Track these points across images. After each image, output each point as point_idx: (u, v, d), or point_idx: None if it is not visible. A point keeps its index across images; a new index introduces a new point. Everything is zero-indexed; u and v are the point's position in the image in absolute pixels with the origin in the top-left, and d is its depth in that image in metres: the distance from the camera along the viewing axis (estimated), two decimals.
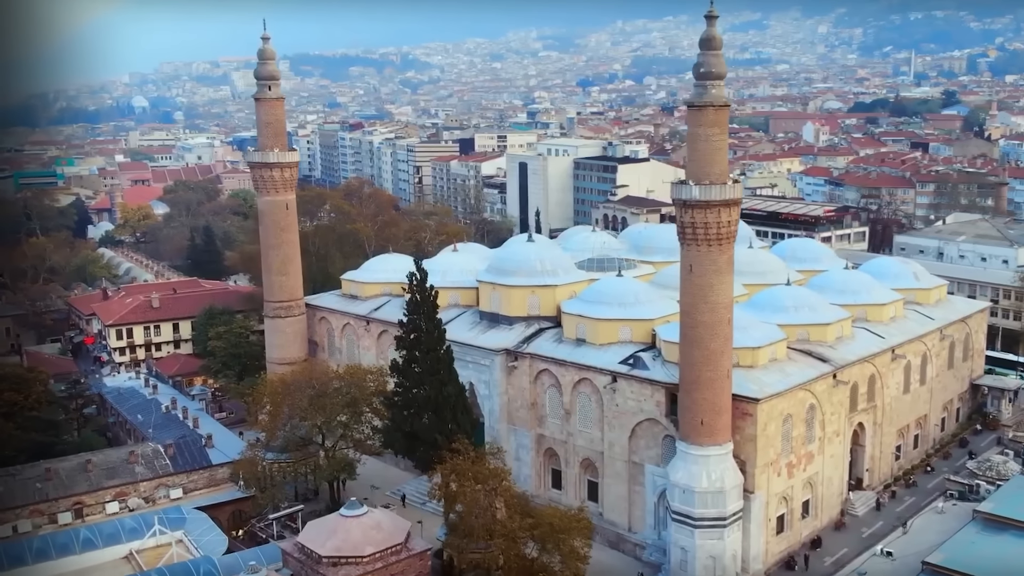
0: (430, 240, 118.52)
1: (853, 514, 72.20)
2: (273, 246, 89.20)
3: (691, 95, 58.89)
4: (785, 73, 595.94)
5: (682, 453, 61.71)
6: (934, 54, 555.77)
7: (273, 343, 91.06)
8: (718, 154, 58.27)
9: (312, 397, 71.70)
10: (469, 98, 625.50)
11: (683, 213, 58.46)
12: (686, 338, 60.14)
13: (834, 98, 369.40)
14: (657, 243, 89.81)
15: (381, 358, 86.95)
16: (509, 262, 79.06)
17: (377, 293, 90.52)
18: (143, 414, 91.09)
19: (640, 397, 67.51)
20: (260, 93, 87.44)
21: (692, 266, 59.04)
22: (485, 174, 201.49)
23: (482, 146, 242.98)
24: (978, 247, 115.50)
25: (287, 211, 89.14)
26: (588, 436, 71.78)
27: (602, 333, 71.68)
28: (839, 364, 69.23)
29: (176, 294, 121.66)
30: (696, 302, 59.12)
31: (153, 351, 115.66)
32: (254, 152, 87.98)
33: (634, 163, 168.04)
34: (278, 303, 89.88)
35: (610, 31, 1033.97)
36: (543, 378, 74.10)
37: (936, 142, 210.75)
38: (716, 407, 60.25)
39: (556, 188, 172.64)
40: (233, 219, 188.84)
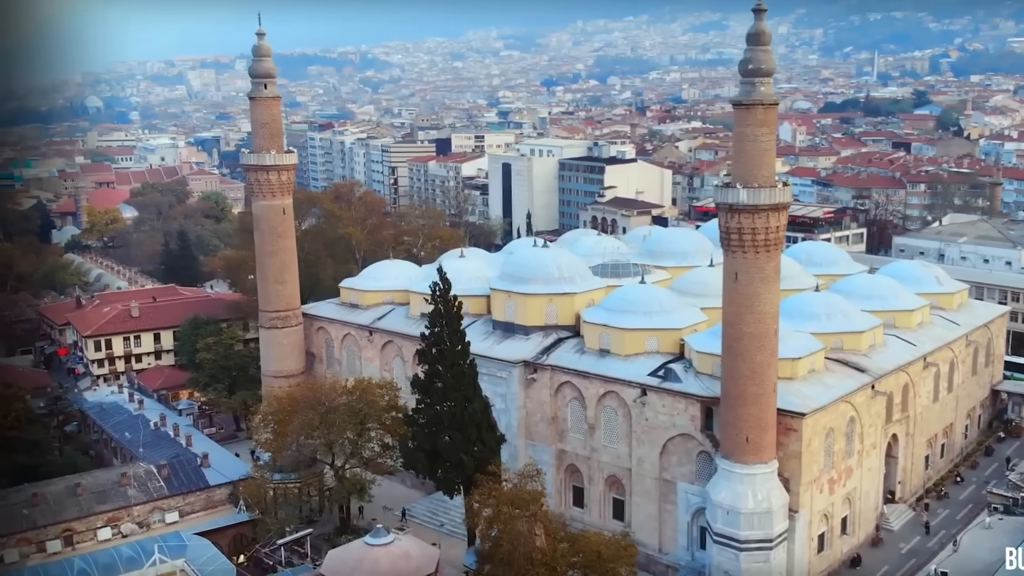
0: (422, 244, 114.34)
1: (888, 529, 69.57)
2: (269, 253, 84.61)
3: (738, 93, 55.73)
4: None
5: (725, 472, 58.51)
6: (895, 54, 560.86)
7: (269, 355, 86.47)
8: (766, 155, 55.20)
9: (323, 414, 67.48)
10: (432, 97, 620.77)
11: (729, 218, 55.23)
12: (730, 350, 56.93)
13: (802, 98, 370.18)
14: (670, 247, 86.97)
15: (385, 370, 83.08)
16: (525, 269, 75.36)
17: (379, 301, 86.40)
18: (131, 431, 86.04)
19: (673, 411, 64.18)
20: (255, 92, 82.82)
21: (737, 274, 55.83)
22: (466, 175, 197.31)
23: (459, 146, 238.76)
24: (980, 248, 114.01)
25: (284, 216, 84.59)
26: (614, 452, 68.34)
27: (628, 343, 68.28)
28: (877, 374, 66.51)
29: (156, 302, 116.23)
30: (741, 312, 55.92)
31: (133, 363, 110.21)
32: (249, 154, 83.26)
33: (621, 164, 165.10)
34: (275, 313, 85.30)
35: (571, 31, 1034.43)
36: (564, 391, 70.53)
37: (918, 142, 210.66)
38: (762, 423, 57.15)
39: (541, 190, 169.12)
40: (206, 222, 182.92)
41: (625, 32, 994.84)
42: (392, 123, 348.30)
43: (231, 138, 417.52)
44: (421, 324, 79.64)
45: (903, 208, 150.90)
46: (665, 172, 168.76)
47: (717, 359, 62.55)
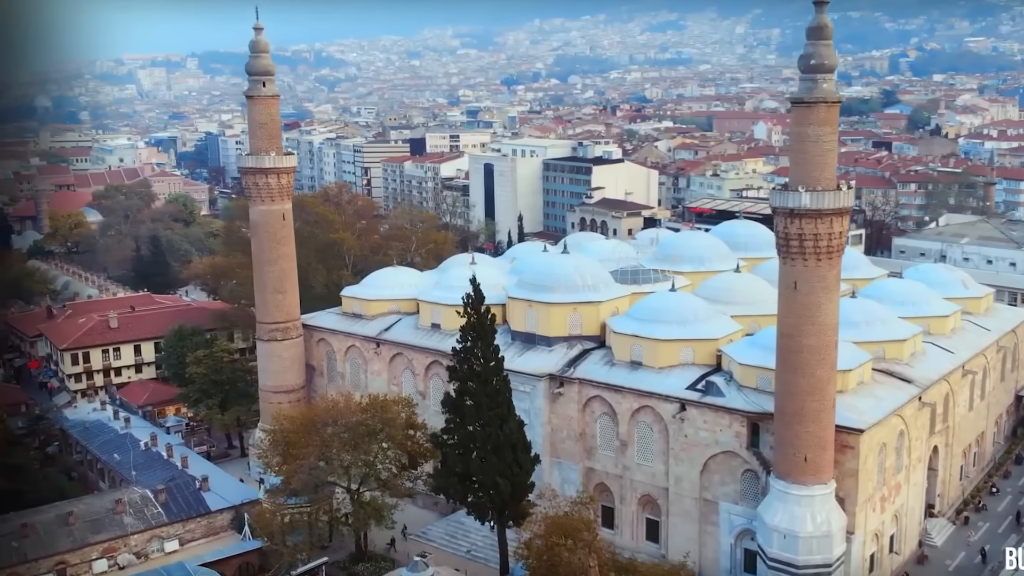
0: (415, 249, 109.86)
1: (931, 545, 66.80)
2: (268, 261, 79.78)
3: (798, 90, 52.35)
4: (710, 73, 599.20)
5: (780, 493, 55.14)
6: (853, 54, 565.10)
7: (268, 369, 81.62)
8: (829, 156, 51.93)
9: (339, 434, 63.03)
10: (390, 96, 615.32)
11: (788, 223, 51.85)
12: (787, 364, 53.58)
13: (768, 98, 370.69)
14: (686, 251, 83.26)
15: (394, 384, 78.77)
16: (546, 276, 71.44)
17: (384, 311, 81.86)
18: (119, 452, 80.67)
19: (715, 427, 60.74)
20: (253, 90, 77.96)
21: (797, 283, 52.50)
22: (444, 176, 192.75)
23: (433, 146, 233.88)
24: (983, 249, 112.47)
25: (284, 222, 79.82)
26: (649, 470, 64.74)
27: (662, 355, 64.72)
28: (923, 384, 63.66)
29: (134, 312, 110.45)
30: (801, 323, 52.59)
31: (112, 376, 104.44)
32: (247, 156, 78.37)
33: (608, 164, 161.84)
34: (274, 324, 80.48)
35: (528, 30, 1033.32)
36: (594, 406, 66.81)
37: (898, 141, 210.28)
38: (822, 441, 53.88)
39: (525, 191, 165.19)
40: (175, 226, 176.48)
41: (583, 31, 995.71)
42: (356, 122, 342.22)
43: (188, 138, 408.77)
44: (432, 334, 76.52)
45: (895, 208, 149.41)
46: (651, 172, 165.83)
47: (763, 372, 59.68)
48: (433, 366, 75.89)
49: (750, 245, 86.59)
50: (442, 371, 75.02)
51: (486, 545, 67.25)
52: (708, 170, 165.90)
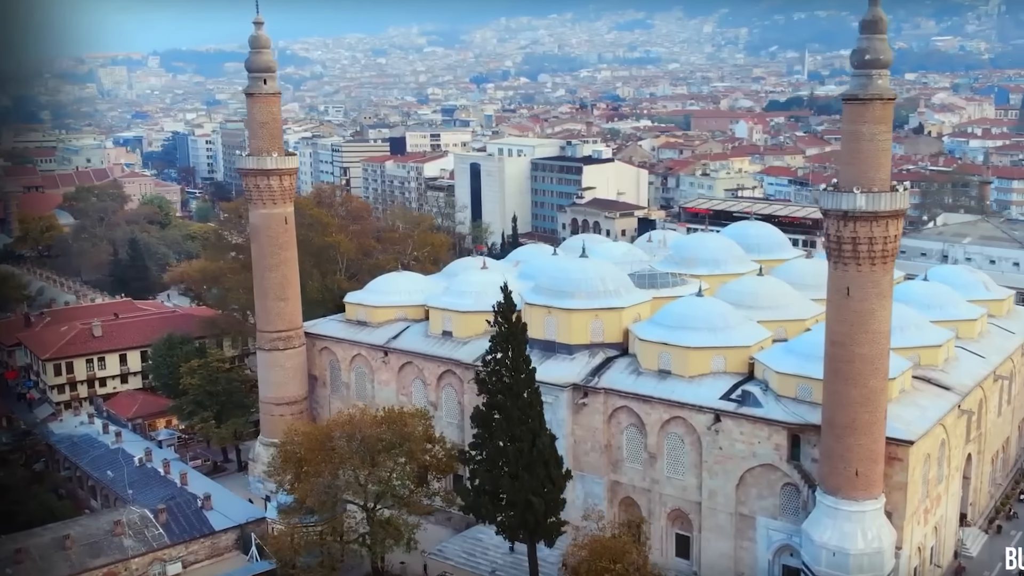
0: (411, 252, 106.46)
1: (968, 555, 64.87)
2: (270, 267, 76.21)
3: (851, 86, 49.96)
4: (680, 72, 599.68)
5: (829, 509, 52.74)
6: (823, 53, 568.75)
7: (269, 380, 78.03)
8: (883, 156, 49.60)
9: (356, 449, 59.73)
10: (357, 94, 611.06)
11: (842, 226, 49.42)
12: (838, 374, 51.18)
13: (742, 97, 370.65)
14: (700, 254, 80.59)
15: (403, 394, 75.60)
16: (566, 282, 68.53)
17: (391, 318, 78.62)
18: (112, 469, 76.66)
19: (753, 439, 58.22)
20: (254, 87, 74.35)
21: (850, 288, 50.11)
22: (428, 176, 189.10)
23: (414, 145, 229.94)
24: (986, 249, 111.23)
25: (286, 226, 76.33)
26: (679, 484, 62.10)
27: (693, 363, 62.12)
28: (962, 392, 61.59)
29: (118, 319, 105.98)
30: (854, 331, 50.21)
31: (97, 387, 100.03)
32: (247, 157, 74.67)
33: (598, 164, 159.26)
34: (276, 333, 76.93)
35: (495, 28, 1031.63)
36: (620, 416, 64.04)
37: None
38: (873, 454, 51.63)
39: (513, 191, 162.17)
40: (151, 229, 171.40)
41: (550, 30, 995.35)
42: (328, 120, 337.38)
43: (153, 138, 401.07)
44: (444, 342, 73.43)
45: None
46: (641, 172, 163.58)
47: (803, 381, 57.41)
48: (446, 376, 72.88)
49: (762, 247, 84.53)
50: (455, 381, 72.29)
51: (508, 564, 64.48)
52: (697, 169, 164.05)
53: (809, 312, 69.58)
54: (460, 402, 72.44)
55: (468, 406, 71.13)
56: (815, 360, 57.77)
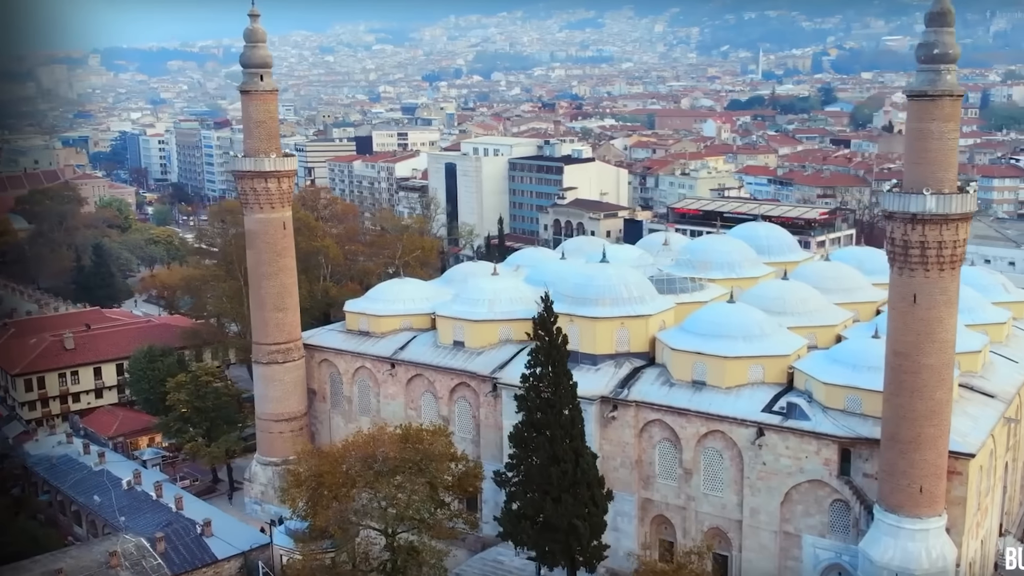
0: (401, 257, 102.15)
1: (1008, 569, 62.78)
2: (267, 275, 71.74)
3: (917, 82, 47.10)
4: (635, 71, 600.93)
5: (891, 528, 50.01)
6: (775, 53, 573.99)
7: (267, 395, 73.49)
8: (952, 155, 46.97)
9: (381, 470, 55.80)
10: (307, 92, 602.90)
11: (909, 230, 46.73)
12: (903, 386, 48.49)
13: (702, 96, 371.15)
14: (714, 257, 77.20)
15: (411, 408, 71.65)
16: (589, 288, 65.18)
17: (396, 328, 74.46)
18: (99, 493, 71.62)
19: (800, 454, 55.43)
20: (250, 84, 69.81)
21: (916, 295, 47.44)
22: (399, 176, 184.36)
23: (380, 144, 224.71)
24: (981, 248, 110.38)
25: (284, 231, 71.93)
26: (717, 501, 59.12)
27: (730, 374, 59.19)
28: (1006, 399, 59.49)
29: (91, 331, 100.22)
30: (920, 341, 47.56)
31: (71, 403, 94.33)
32: (243, 158, 70.07)
33: (579, 164, 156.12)
34: (274, 346, 72.47)
35: (444, 26, 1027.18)
36: (652, 430, 60.87)
37: (856, 139, 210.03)
38: (937, 469, 49.11)
39: (490, 191, 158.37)
40: (111, 233, 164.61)
41: (501, 28, 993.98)
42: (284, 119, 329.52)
43: (99, 138, 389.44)
44: (456, 353, 69.77)
45: None
46: (621, 172, 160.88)
47: (852, 392, 54.94)
48: (459, 389, 69.08)
49: (773, 248, 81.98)
50: (470, 394, 68.62)
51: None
52: (676, 169, 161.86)
53: (838, 318, 67.24)
54: (475, 416, 68.77)
55: (484, 421, 67.79)
56: (863, 370, 55.64)
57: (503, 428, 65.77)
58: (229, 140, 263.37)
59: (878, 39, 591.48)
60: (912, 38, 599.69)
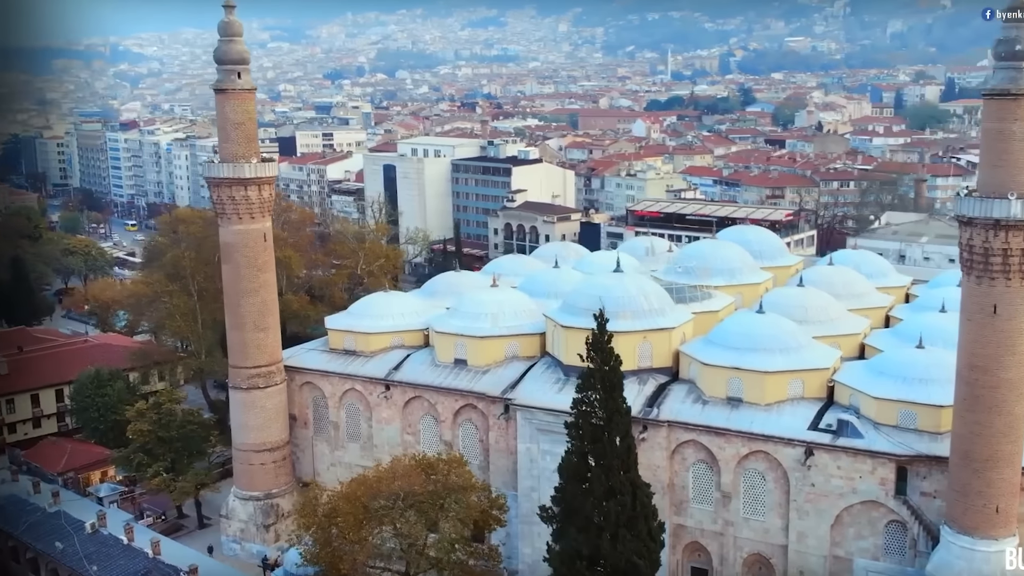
0: (365, 267, 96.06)
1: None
2: (247, 292, 65.35)
3: (997, 80, 44.38)
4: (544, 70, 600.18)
5: (963, 551, 47.35)
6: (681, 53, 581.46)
7: (247, 423, 67.05)
8: None
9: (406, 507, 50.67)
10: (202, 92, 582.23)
11: (991, 236, 44.06)
12: (979, 401, 45.87)
13: (619, 96, 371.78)
14: (715, 263, 73.83)
15: (408, 433, 66.46)
16: (608, 300, 59.85)
17: (386, 346, 68.96)
18: (60, 538, 63.65)
19: (853, 474, 52.44)
20: (226, 82, 63.44)
21: (997, 306, 44.83)
22: (331, 178, 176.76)
23: (305, 145, 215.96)
24: (945, 248, 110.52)
25: (265, 243, 65.68)
26: (760, 526, 55.75)
27: (770, 390, 55.92)
28: None
29: (24, 353, 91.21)
30: (1000, 354, 45.01)
31: (6, 434, 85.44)
32: (220, 164, 63.59)
33: (527, 165, 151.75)
34: (255, 369, 66.14)
35: (342, 23, 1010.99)
36: (685, 452, 57.17)
37: (791, 139, 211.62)
38: (1013, 487, 46.72)
39: (433, 194, 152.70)
40: (23, 243, 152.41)
41: (401, 25, 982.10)
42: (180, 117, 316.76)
43: None
44: (458, 372, 64.93)
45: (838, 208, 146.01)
46: (568, 173, 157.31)
47: (905, 407, 52.47)
48: (465, 411, 64.14)
49: (765, 253, 79.33)
50: (477, 416, 63.78)
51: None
52: (622, 170, 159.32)
53: (859, 326, 64.89)
54: (482, 440, 63.90)
55: (494, 445, 63.08)
56: (913, 382, 53.23)
57: (516, 453, 61.56)
58: (138, 143, 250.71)
59: (780, 40, 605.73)
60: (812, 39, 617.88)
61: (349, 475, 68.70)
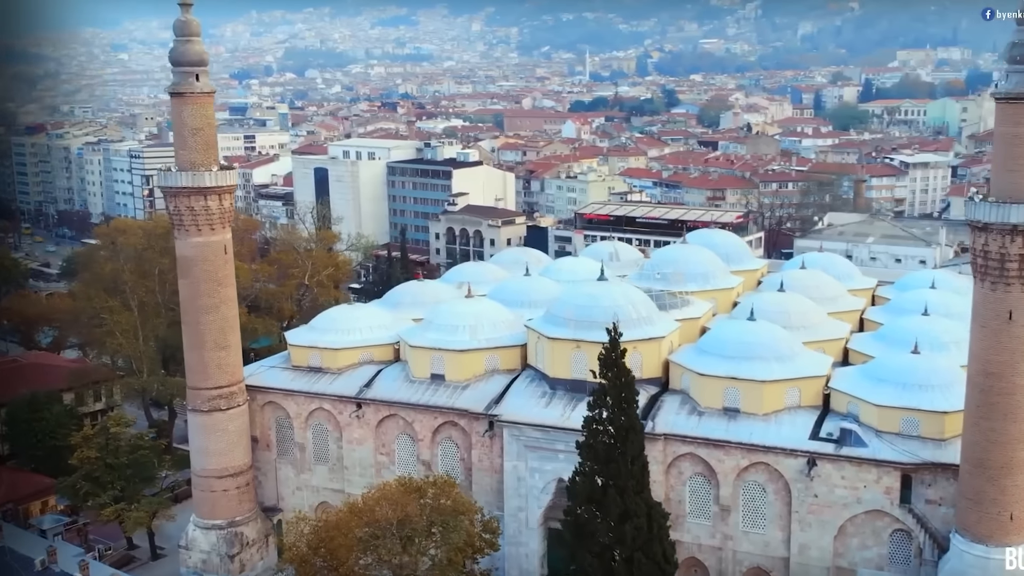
0: (313, 277, 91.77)
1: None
2: (207, 308, 61.08)
3: (1012, 84, 43.53)
4: (460, 70, 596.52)
5: (978, 560, 46.60)
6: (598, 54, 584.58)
7: (209, 448, 62.71)
8: None
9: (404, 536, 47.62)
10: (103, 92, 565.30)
11: (1008, 242, 43.25)
12: (994, 408, 45.11)
13: (541, 96, 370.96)
14: (688, 267, 71.96)
15: (382, 453, 63.21)
16: (596, 310, 58.68)
17: (354, 362, 65.47)
18: None
19: (857, 484, 51.43)
20: (182, 84, 59.13)
21: (1012, 312, 44.08)
22: (257, 183, 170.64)
23: (225, 148, 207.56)
24: (892, 248, 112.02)
25: (225, 256, 61.54)
26: (760, 539, 54.34)
27: (768, 399, 54.55)
28: None
29: None
30: (1016, 360, 44.33)
31: None
32: (177, 172, 59.26)
33: (468, 167, 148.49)
34: (216, 391, 61.86)
35: (247, 21, 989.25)
36: (682, 465, 55.39)
37: (723, 140, 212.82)
38: None
39: (368, 198, 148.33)
40: None
41: (309, 24, 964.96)
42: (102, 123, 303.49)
43: None
44: (436, 388, 62.03)
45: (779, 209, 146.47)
46: (508, 176, 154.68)
47: (908, 414, 51.56)
48: (445, 428, 61.22)
49: (732, 256, 78.41)
50: (458, 434, 60.99)
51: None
52: (562, 172, 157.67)
53: (841, 331, 64.26)
54: (463, 459, 61.08)
55: (477, 464, 60.37)
56: (913, 388, 52.54)
57: (502, 471, 58.96)
58: (46, 147, 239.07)
59: (695, 42, 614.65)
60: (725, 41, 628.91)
61: (317, 499, 65.92)
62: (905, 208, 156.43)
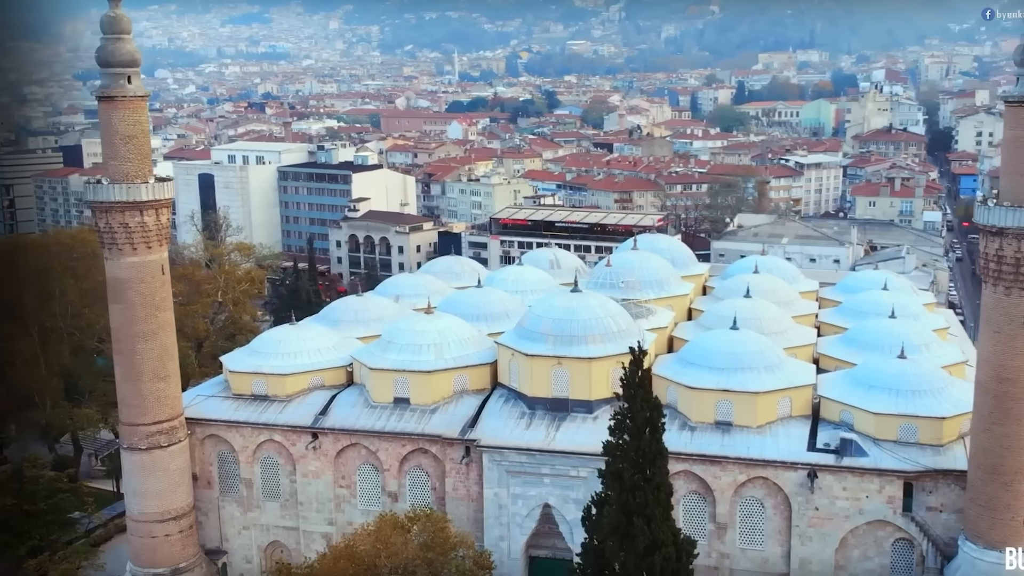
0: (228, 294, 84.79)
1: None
2: (143, 335, 54.85)
3: (1020, 88, 42.95)
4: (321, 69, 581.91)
5: (991, 567, 46.15)
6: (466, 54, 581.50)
7: (147, 490, 56.42)
8: None
9: None
10: None
11: (1020, 246, 42.73)
12: (1008, 414, 44.71)
13: (415, 96, 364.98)
14: (643, 275, 69.38)
15: (342, 486, 58.61)
16: (576, 324, 55.81)
17: (304, 387, 60.29)
18: None
19: (859, 494, 50.31)
20: (113, 87, 52.80)
21: None
22: None
23: (93, 154, 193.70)
24: (806, 248, 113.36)
25: (163, 277, 55.48)
26: (758, 556, 52.65)
27: (762, 411, 52.94)
28: None
29: None
30: None
31: None
32: (108, 185, 52.79)
33: (367, 171, 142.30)
34: (155, 426, 55.70)
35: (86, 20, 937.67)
36: (676, 484, 51.91)
37: (618, 142, 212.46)
38: None
39: (258, 205, 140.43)
40: None
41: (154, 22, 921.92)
42: None
43: None
44: (402, 414, 57.93)
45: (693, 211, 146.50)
46: (408, 179, 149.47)
47: (906, 421, 50.89)
48: (413, 456, 56.95)
49: (678, 262, 76.92)
50: (429, 462, 56.99)
51: None
52: (463, 175, 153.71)
53: (809, 337, 63.60)
54: (435, 488, 57.01)
55: (452, 493, 56.49)
56: (908, 395, 52.04)
57: (481, 499, 55.29)
58: None
59: (562, 43, 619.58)
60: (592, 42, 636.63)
61: (267, 538, 60.74)
62: (802, 208, 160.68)
